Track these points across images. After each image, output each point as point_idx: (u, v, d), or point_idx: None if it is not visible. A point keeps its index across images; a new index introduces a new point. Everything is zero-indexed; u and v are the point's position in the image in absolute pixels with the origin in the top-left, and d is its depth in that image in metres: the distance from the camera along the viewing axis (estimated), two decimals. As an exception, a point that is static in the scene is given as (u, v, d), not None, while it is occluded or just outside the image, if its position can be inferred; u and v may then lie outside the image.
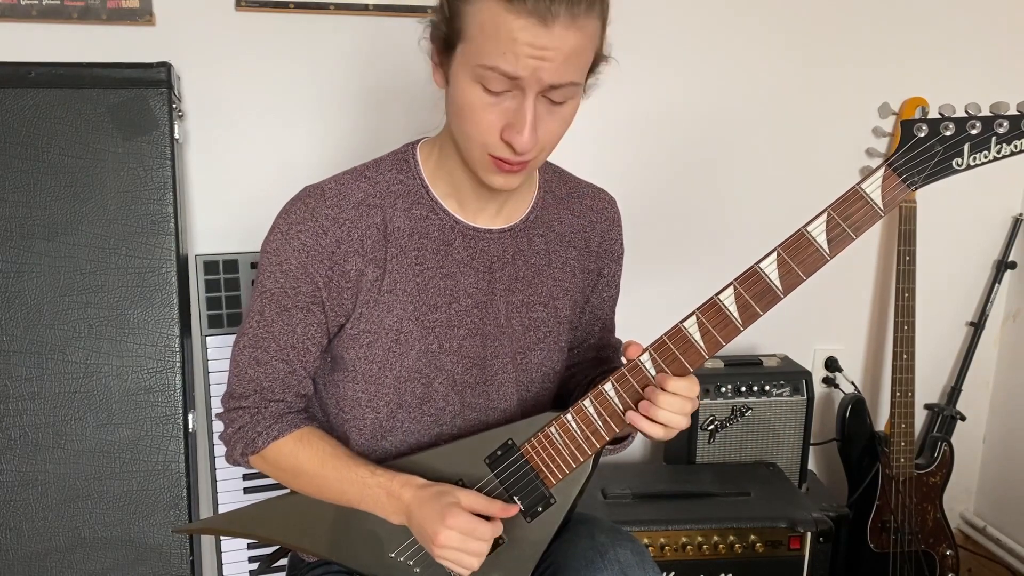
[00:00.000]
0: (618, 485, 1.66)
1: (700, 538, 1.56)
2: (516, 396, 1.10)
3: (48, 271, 1.42)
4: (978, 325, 2.03)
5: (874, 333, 2.04)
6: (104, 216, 1.43)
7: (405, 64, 1.62)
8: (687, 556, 1.56)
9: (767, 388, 1.78)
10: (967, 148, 0.91)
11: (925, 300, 1.91)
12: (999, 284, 2.02)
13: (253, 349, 1.03)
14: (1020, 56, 1.92)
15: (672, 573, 1.57)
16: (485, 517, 0.96)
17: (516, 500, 1.01)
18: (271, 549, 1.19)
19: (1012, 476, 2.08)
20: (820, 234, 0.93)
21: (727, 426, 1.78)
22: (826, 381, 2.01)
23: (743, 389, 1.78)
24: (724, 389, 1.78)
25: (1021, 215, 2.00)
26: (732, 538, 1.57)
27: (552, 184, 1.12)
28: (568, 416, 1.00)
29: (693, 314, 0.96)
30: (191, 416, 1.50)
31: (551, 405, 1.15)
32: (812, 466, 2.01)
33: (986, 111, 0.91)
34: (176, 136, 1.47)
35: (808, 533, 1.57)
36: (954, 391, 2.06)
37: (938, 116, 0.92)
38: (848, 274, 1.97)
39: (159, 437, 1.45)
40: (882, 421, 2.00)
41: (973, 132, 0.91)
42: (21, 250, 1.41)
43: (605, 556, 1.02)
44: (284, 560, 1.22)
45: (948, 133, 0.91)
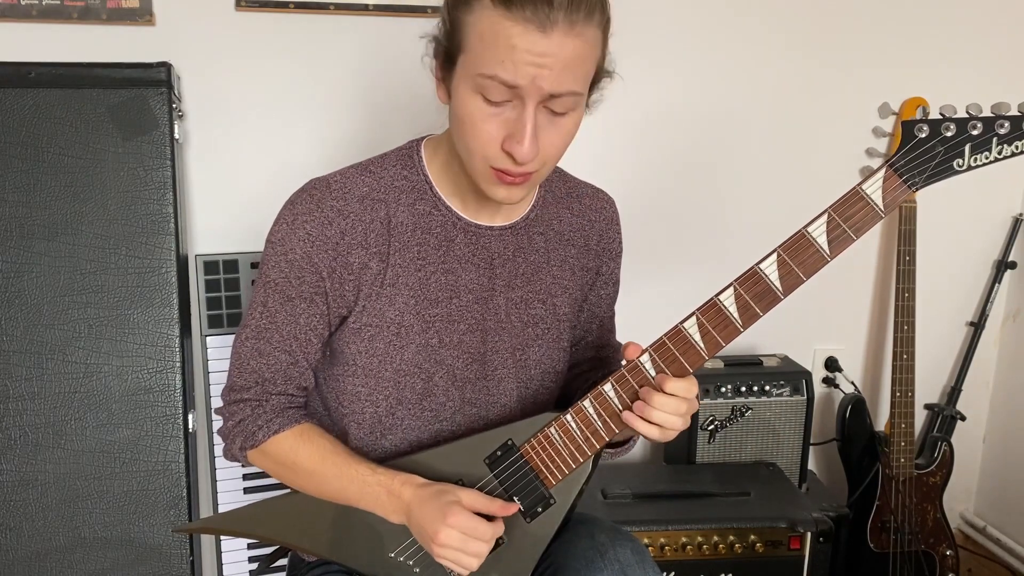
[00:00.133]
0: (618, 485, 1.66)
1: (700, 538, 1.56)
2: (516, 392, 1.10)
3: (48, 271, 1.42)
4: (978, 325, 2.03)
5: (874, 333, 2.03)
6: (104, 216, 1.43)
7: (405, 64, 1.61)
8: (687, 556, 1.56)
9: (767, 388, 1.78)
10: (968, 149, 0.91)
11: (925, 300, 1.91)
12: (999, 284, 2.02)
13: (256, 340, 1.03)
14: (1020, 56, 1.92)
15: (672, 573, 1.57)
16: (486, 517, 0.97)
17: (516, 500, 1.01)
18: (271, 549, 1.20)
19: (1012, 476, 2.08)
20: (820, 235, 0.93)
21: (727, 426, 1.78)
22: (826, 381, 2.01)
23: (743, 389, 1.78)
24: (724, 389, 1.78)
25: (1021, 215, 2.00)
26: (732, 538, 1.57)
27: (552, 184, 1.13)
28: (568, 416, 1.00)
29: (693, 315, 0.96)
30: (191, 416, 1.50)
31: (552, 405, 1.15)
32: (812, 466, 2.01)
33: (987, 112, 0.91)
34: (176, 136, 1.47)
35: (808, 533, 1.57)
36: (954, 391, 2.06)
37: (939, 117, 0.91)
38: (848, 274, 1.97)
39: (159, 437, 1.45)
40: (882, 421, 2.00)
41: (974, 133, 0.90)
42: (21, 250, 1.41)
43: (605, 556, 1.02)
44: (284, 560, 1.22)
45: (949, 134, 0.91)
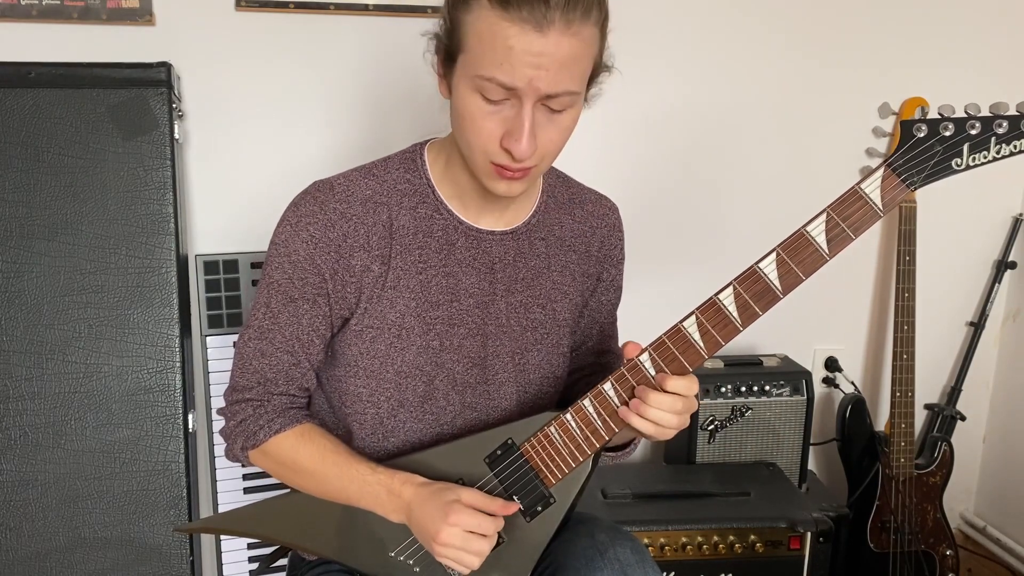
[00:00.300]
0: (618, 485, 1.66)
1: (700, 538, 1.56)
2: (516, 397, 1.10)
3: (48, 271, 1.42)
4: (978, 325, 2.03)
5: (874, 333, 2.03)
6: (104, 216, 1.43)
7: (405, 64, 1.62)
8: (687, 556, 1.56)
9: (767, 388, 1.78)
10: (966, 148, 0.91)
11: (925, 300, 1.91)
12: (999, 284, 2.02)
13: (258, 341, 1.03)
14: (1020, 56, 1.92)
15: (672, 573, 1.57)
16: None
17: (516, 499, 1.01)
18: (271, 549, 1.20)
19: (1012, 476, 2.08)
20: (819, 234, 0.93)
21: (727, 426, 1.78)
22: (826, 381, 2.01)
23: (743, 389, 1.78)
24: (724, 389, 1.78)
25: (1021, 215, 2.00)
26: (732, 538, 1.57)
27: (555, 189, 1.13)
28: (567, 416, 1.00)
29: (692, 314, 0.96)
30: (191, 416, 1.50)
31: (552, 409, 1.14)
32: (812, 466, 2.01)
33: (985, 111, 0.91)
34: (176, 136, 1.47)
35: (808, 533, 1.57)
36: (954, 391, 2.06)
37: (938, 116, 0.91)
38: (848, 274, 1.97)
39: (159, 437, 1.45)
40: (882, 421, 2.00)
41: (972, 132, 0.91)
42: (21, 250, 1.41)
43: (605, 555, 1.02)
44: (284, 560, 1.22)
45: (947, 133, 0.91)
